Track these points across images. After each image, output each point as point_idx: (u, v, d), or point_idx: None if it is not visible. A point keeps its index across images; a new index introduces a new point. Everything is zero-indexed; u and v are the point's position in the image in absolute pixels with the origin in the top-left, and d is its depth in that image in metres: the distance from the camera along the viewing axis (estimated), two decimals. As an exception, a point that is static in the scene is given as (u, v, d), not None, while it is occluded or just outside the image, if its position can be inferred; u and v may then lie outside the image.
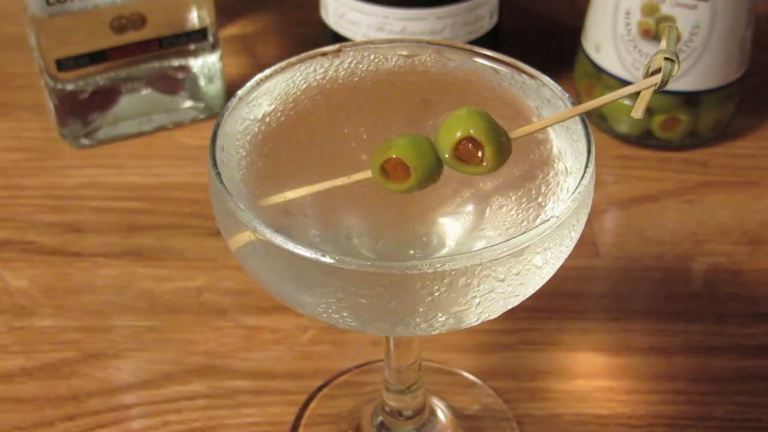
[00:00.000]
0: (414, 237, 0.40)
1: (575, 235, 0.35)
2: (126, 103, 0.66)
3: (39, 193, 0.63)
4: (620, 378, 0.52)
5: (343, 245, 0.38)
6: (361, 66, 0.42)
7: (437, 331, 0.35)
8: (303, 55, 0.41)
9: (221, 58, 0.68)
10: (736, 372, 0.52)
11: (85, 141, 0.66)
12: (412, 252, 0.39)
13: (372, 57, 0.42)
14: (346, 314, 0.34)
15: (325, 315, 0.34)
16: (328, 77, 0.41)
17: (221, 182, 0.35)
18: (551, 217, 0.33)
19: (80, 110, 0.65)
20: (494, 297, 0.33)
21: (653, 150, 0.65)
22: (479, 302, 0.33)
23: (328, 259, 0.32)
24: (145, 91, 0.67)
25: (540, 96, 0.40)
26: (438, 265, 0.32)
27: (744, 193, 0.63)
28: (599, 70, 0.64)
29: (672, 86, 0.61)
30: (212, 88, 0.68)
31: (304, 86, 0.41)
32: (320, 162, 0.40)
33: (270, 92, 0.40)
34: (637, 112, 0.37)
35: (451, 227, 0.39)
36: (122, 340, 0.53)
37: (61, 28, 0.61)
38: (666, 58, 0.36)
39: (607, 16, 0.62)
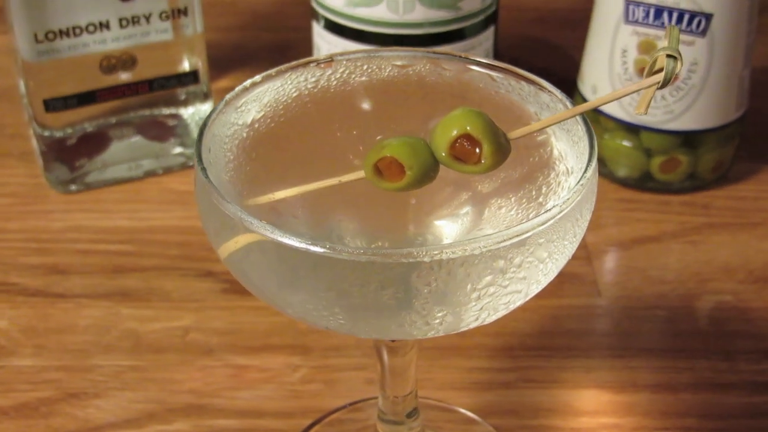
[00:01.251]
0: (410, 240, 0.38)
1: (579, 232, 0.34)
2: (115, 149, 0.65)
3: (22, 237, 0.61)
4: (626, 415, 0.49)
5: (334, 246, 0.36)
6: (353, 76, 0.40)
7: (434, 332, 0.33)
8: (294, 62, 0.40)
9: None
10: (746, 408, 0.50)
11: (72, 186, 0.64)
12: (407, 252, 0.37)
13: (365, 67, 0.41)
14: (337, 311, 0.32)
15: (315, 313, 0.32)
16: (319, 86, 0.40)
17: (206, 177, 0.33)
18: (554, 206, 0.31)
19: (67, 156, 0.64)
20: (495, 291, 0.31)
21: (653, 193, 0.64)
22: (479, 296, 0.31)
23: (318, 249, 0.30)
24: (135, 138, 0.66)
25: (539, 101, 0.38)
26: (435, 253, 0.30)
27: (748, 233, 0.61)
28: (596, 112, 0.63)
29: (671, 125, 0.61)
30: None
31: (295, 94, 0.40)
32: (311, 167, 0.38)
33: (259, 99, 0.39)
34: (641, 109, 0.35)
35: (449, 229, 0.37)
36: (104, 380, 0.51)
37: (50, 70, 0.60)
38: (668, 55, 0.35)
39: (603, 56, 0.62)
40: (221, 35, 0.82)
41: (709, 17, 0.58)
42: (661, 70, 0.36)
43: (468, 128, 0.34)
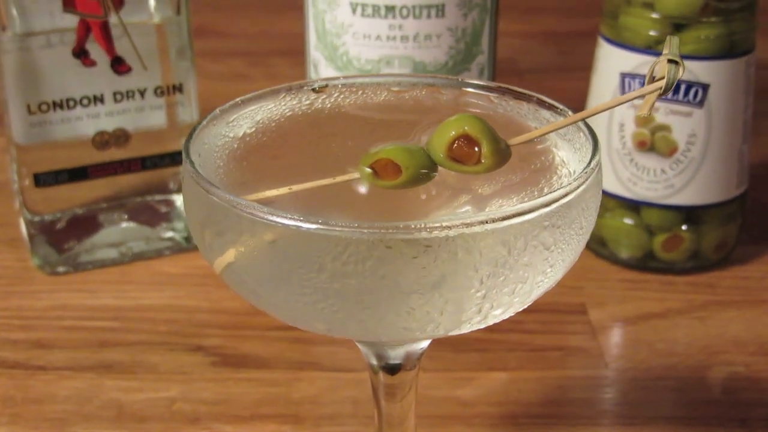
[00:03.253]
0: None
1: (585, 225, 0.32)
2: (105, 233, 0.64)
3: (6, 314, 0.59)
4: (640, 481, 0.46)
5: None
6: (348, 100, 0.40)
7: (433, 325, 0.30)
8: (288, 84, 0.39)
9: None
10: (768, 474, 0.47)
11: (59, 268, 0.62)
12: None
13: (360, 92, 0.40)
14: (331, 297, 0.30)
15: (308, 299, 0.30)
16: (314, 108, 0.39)
17: (193, 166, 0.32)
18: (559, 187, 0.30)
19: (56, 238, 0.62)
20: (498, 275, 0.30)
21: (657, 274, 0.62)
22: (481, 280, 0.29)
23: (309, 225, 0.29)
24: (126, 224, 0.64)
25: (538, 117, 0.38)
26: (435, 227, 0.28)
27: (757, 310, 0.59)
28: (595, 191, 0.62)
29: (671, 200, 0.60)
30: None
31: (288, 114, 0.39)
32: (303, 176, 0.37)
33: (252, 116, 0.38)
34: (644, 110, 0.35)
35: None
36: (83, 447, 0.48)
37: (42, 147, 0.60)
38: (670, 60, 0.35)
39: (600, 131, 0.61)
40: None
41: (705, 88, 0.58)
42: (662, 77, 0.35)
43: (466, 128, 0.33)
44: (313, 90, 0.40)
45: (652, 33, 0.58)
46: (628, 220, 0.62)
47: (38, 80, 0.58)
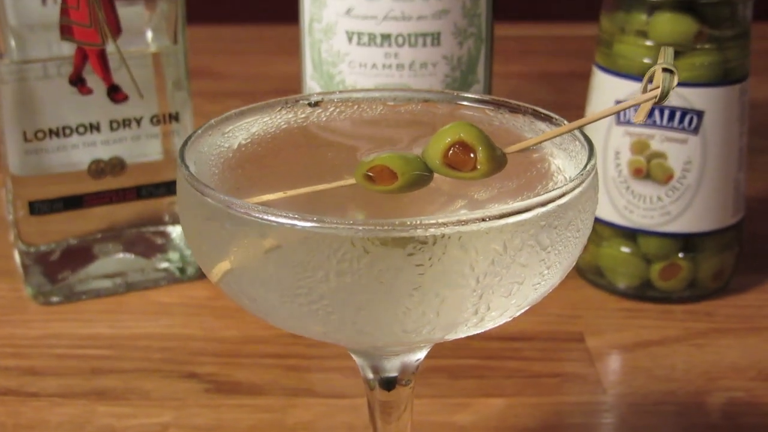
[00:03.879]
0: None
1: (582, 228, 0.32)
2: (99, 263, 0.63)
3: (-2, 343, 0.58)
4: (640, 504, 0.46)
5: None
6: (344, 114, 0.40)
7: (430, 327, 0.30)
8: (284, 98, 0.39)
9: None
10: (770, 498, 0.46)
11: (53, 298, 0.62)
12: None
13: (356, 107, 0.40)
14: (325, 298, 0.29)
15: (305, 306, 0.30)
16: (310, 121, 0.39)
17: (188, 170, 0.31)
18: (555, 188, 0.30)
19: (50, 269, 0.62)
20: (494, 274, 0.29)
21: (654, 303, 0.62)
22: (478, 280, 0.29)
23: (305, 224, 0.28)
24: (121, 256, 0.64)
25: (534, 130, 0.38)
26: (430, 223, 0.28)
27: (756, 337, 0.59)
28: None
29: (668, 228, 0.59)
30: (191, 253, 0.65)
31: (284, 126, 0.39)
32: (298, 185, 0.37)
33: (247, 128, 0.38)
34: (639, 118, 0.35)
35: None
36: (74, 472, 0.47)
37: (38, 177, 0.59)
38: (665, 69, 0.35)
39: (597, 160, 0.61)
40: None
41: (700, 114, 0.58)
42: (657, 86, 0.35)
43: (461, 135, 0.33)
44: (310, 104, 0.40)
45: (646, 60, 0.58)
46: (625, 249, 0.61)
47: (35, 108, 0.58)
